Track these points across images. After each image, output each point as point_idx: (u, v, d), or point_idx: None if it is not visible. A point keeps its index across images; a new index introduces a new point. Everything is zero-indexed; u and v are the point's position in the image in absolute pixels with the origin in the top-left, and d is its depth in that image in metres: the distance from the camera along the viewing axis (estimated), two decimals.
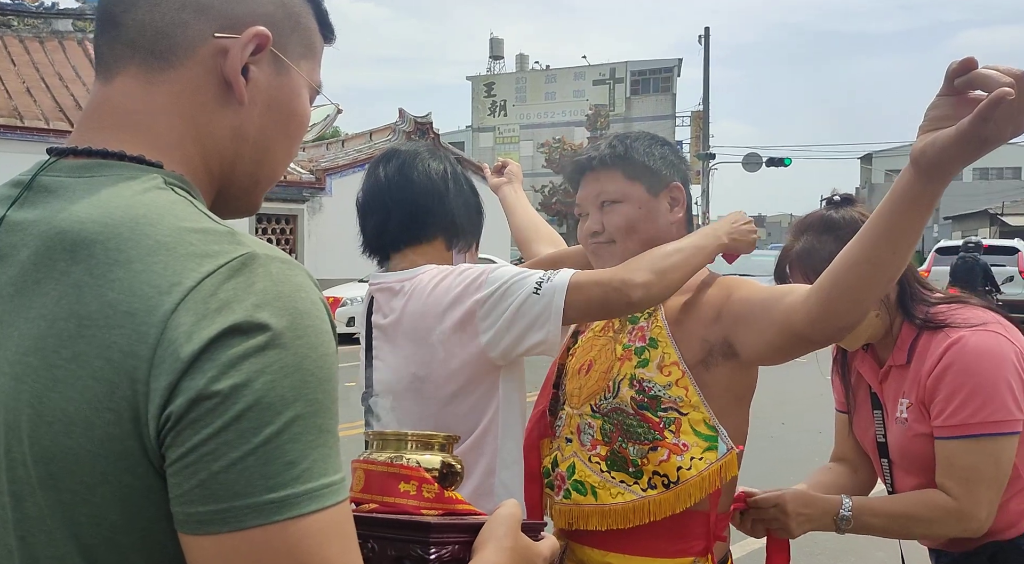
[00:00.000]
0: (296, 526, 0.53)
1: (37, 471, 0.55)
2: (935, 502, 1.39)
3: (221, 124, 0.67)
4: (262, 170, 0.72)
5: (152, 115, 0.65)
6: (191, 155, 0.66)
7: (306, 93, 0.73)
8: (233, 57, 0.66)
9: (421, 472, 0.87)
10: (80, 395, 0.54)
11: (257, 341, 0.54)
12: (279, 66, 0.70)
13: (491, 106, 44.72)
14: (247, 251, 0.57)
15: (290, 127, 0.72)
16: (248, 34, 0.66)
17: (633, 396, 1.34)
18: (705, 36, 26.16)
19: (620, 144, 1.40)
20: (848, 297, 1.09)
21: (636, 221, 1.37)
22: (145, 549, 0.56)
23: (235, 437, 0.52)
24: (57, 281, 0.57)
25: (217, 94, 0.67)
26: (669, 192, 1.40)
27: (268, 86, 0.69)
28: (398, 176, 1.39)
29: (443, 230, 1.40)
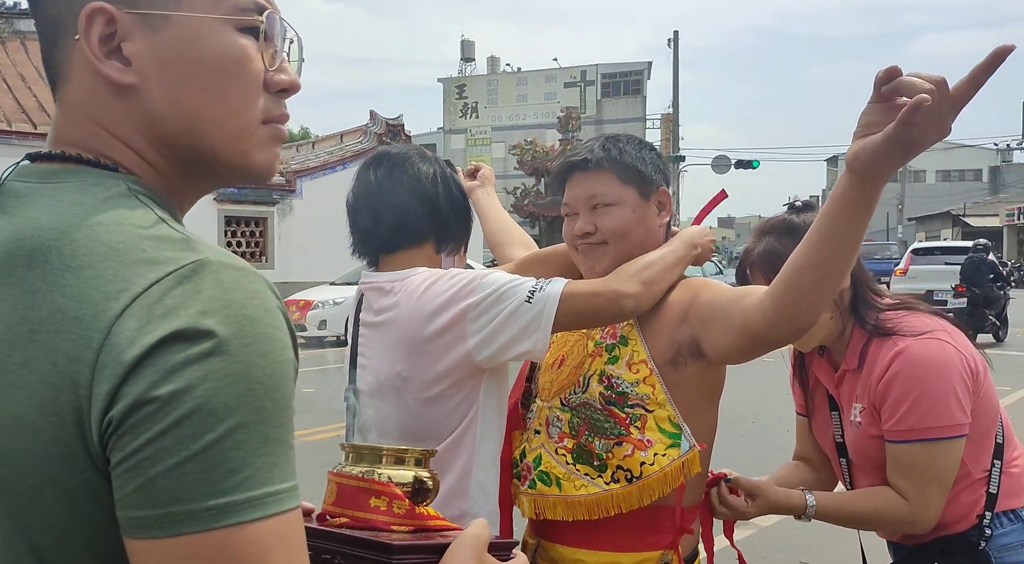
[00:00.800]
0: (237, 534, 0.53)
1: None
2: (890, 501, 1.45)
3: (131, 116, 0.64)
4: (208, 135, 0.65)
5: (80, 127, 0.64)
6: (129, 157, 0.64)
7: (213, 30, 0.64)
8: (86, 51, 0.62)
9: (392, 488, 0.86)
10: (29, 399, 0.54)
11: (201, 348, 0.53)
12: (152, 24, 0.62)
13: (463, 108, 44.70)
14: (199, 258, 0.56)
15: (206, 76, 0.64)
16: (81, 20, 0.61)
17: (602, 392, 1.36)
18: (674, 39, 26.43)
19: (613, 146, 1.41)
20: (800, 299, 1.12)
21: (630, 224, 1.39)
22: (94, 550, 0.56)
23: (173, 443, 0.52)
24: (14, 286, 0.57)
25: (110, 90, 0.63)
26: (658, 196, 1.43)
27: (151, 52, 0.63)
28: (388, 179, 1.40)
29: (433, 233, 1.41)
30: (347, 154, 16.61)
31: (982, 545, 1.48)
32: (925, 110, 0.85)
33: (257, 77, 0.66)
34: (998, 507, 1.50)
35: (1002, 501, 1.50)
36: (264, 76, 0.67)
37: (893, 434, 1.44)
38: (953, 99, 0.87)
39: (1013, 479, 1.52)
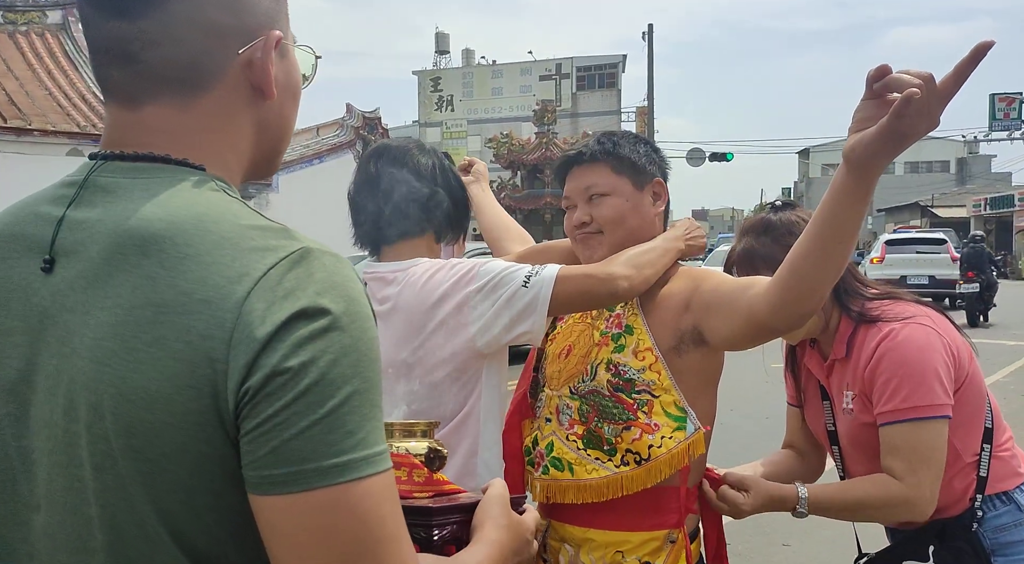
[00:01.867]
0: (357, 487, 0.59)
1: (118, 443, 0.60)
2: (883, 485, 1.48)
3: (249, 123, 0.73)
4: (283, 143, 0.79)
5: (189, 134, 0.69)
6: (226, 158, 0.72)
7: (294, 58, 0.78)
8: (261, 66, 0.71)
9: (411, 458, 0.94)
10: (160, 374, 0.59)
11: (320, 324, 0.60)
12: (282, 51, 0.74)
13: (438, 101, 44.52)
14: (303, 246, 0.63)
15: (297, 96, 0.78)
16: (270, 40, 0.71)
17: (609, 379, 1.42)
18: (648, 33, 26.53)
19: (608, 140, 1.50)
20: (804, 286, 1.18)
21: (623, 213, 1.46)
22: (216, 511, 0.62)
23: (304, 408, 0.58)
24: (129, 274, 0.62)
25: (248, 100, 0.72)
26: (652, 187, 1.50)
27: (282, 74, 0.74)
28: (389, 172, 1.44)
29: (432, 224, 1.46)
30: (323, 148, 16.50)
31: (975, 527, 1.53)
32: (916, 103, 0.92)
33: None
34: (989, 489, 1.54)
35: (993, 484, 1.54)
36: None
37: (883, 416, 1.49)
38: (940, 92, 0.94)
39: (1003, 462, 1.57)
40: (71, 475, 0.63)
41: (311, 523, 0.59)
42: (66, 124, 13.06)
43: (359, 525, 0.60)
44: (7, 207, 0.72)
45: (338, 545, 0.59)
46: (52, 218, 0.66)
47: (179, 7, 0.67)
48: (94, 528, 0.62)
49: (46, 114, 13.15)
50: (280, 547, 0.60)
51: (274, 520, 0.60)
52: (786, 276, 1.21)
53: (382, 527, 0.61)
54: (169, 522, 0.61)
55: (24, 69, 14.04)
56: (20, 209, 0.70)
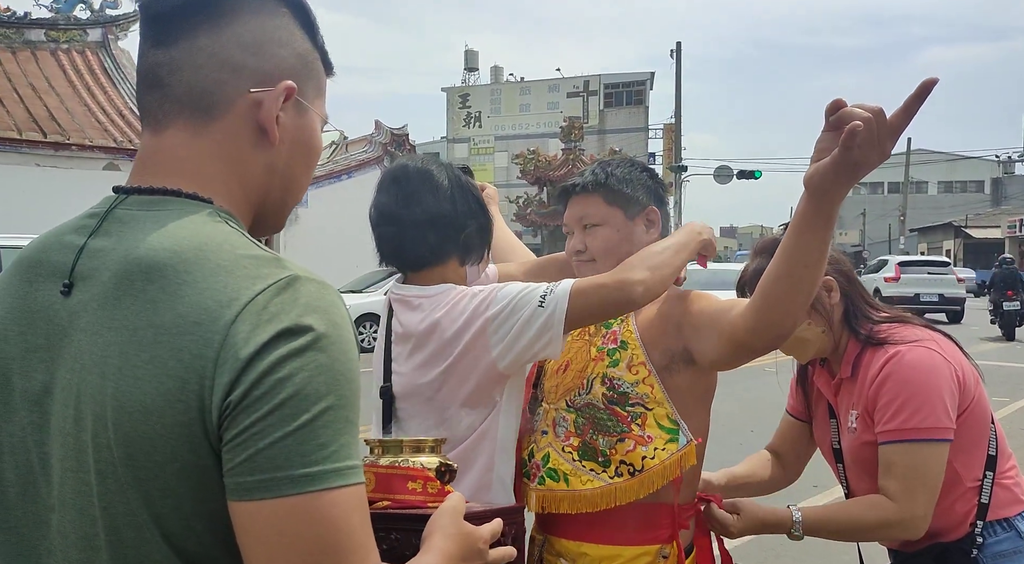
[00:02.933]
0: (326, 497, 0.64)
1: (119, 452, 0.66)
2: (878, 506, 1.49)
3: (256, 163, 0.79)
4: (289, 196, 0.84)
5: (200, 161, 0.76)
6: (234, 191, 0.78)
7: (320, 127, 0.85)
8: (268, 108, 0.77)
9: (425, 472, 1.01)
10: (155, 389, 0.65)
11: (301, 342, 0.65)
12: (300, 109, 0.81)
13: (466, 117, 44.90)
14: (291, 274, 0.69)
15: (310, 158, 0.84)
16: (280, 88, 0.77)
17: (604, 392, 1.47)
18: (677, 50, 26.58)
19: (602, 171, 1.55)
20: (776, 308, 1.23)
21: (614, 243, 1.52)
22: (204, 516, 0.67)
23: (278, 420, 0.63)
24: (135, 297, 0.68)
25: (252, 138, 0.78)
26: (646, 215, 1.55)
27: (292, 127, 0.80)
28: (410, 201, 1.43)
29: (455, 249, 1.46)
30: (352, 164, 16.74)
31: (974, 553, 1.53)
32: (864, 135, 0.98)
33: None
34: (991, 516, 1.54)
35: (995, 510, 1.54)
36: None
37: (883, 435, 1.50)
38: (890, 126, 0.99)
39: (1006, 489, 1.57)
40: (80, 480, 0.69)
41: (281, 528, 0.63)
42: (103, 139, 13.41)
43: (326, 533, 0.64)
44: (39, 236, 0.79)
45: (305, 551, 0.63)
46: (74, 246, 0.73)
47: (206, 40, 0.75)
48: (98, 528, 0.68)
49: (84, 129, 13.52)
50: (251, 550, 0.64)
51: (247, 524, 0.64)
52: (759, 299, 1.25)
53: (349, 537, 0.65)
54: (161, 525, 0.67)
55: (65, 86, 14.47)
56: (48, 237, 0.77)
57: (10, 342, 0.73)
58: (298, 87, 0.79)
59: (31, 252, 0.77)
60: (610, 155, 26.49)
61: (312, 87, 0.82)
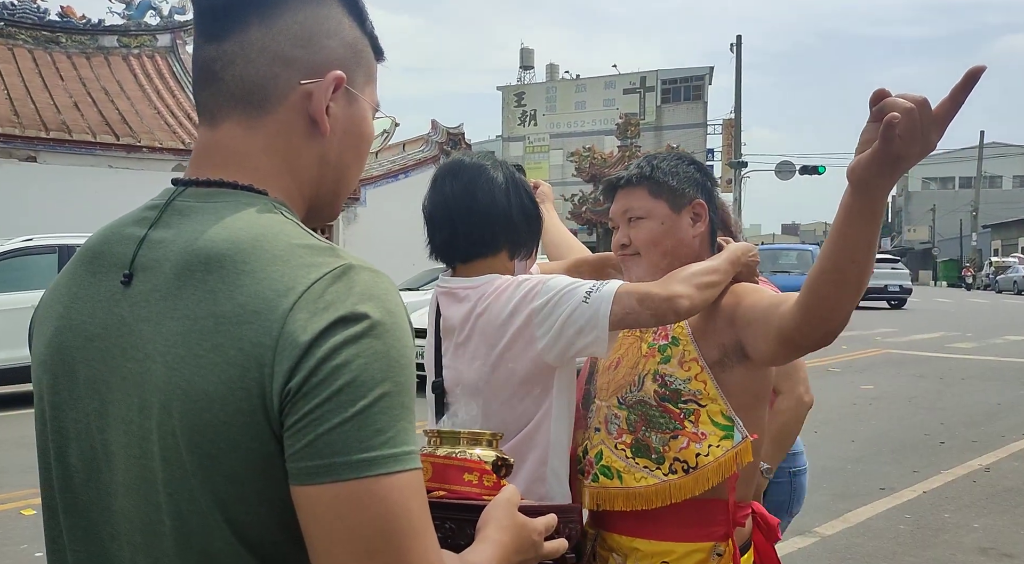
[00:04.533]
0: (384, 482, 0.64)
1: (184, 439, 0.67)
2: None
3: (309, 154, 0.79)
4: (341, 186, 0.84)
5: (255, 155, 0.77)
6: (287, 183, 0.78)
7: (371, 114, 0.84)
8: (318, 99, 0.77)
9: (483, 465, 1.02)
10: (218, 377, 0.66)
11: (357, 329, 0.66)
12: (350, 98, 0.80)
13: (521, 115, 44.94)
14: (345, 262, 0.70)
15: (361, 147, 0.84)
16: (329, 79, 0.77)
17: (656, 389, 1.45)
18: (737, 44, 26.08)
19: (647, 164, 1.54)
20: (823, 305, 1.19)
21: (659, 235, 1.50)
22: (267, 501, 0.68)
23: (336, 406, 0.64)
24: (196, 288, 0.69)
25: (305, 130, 0.78)
26: (692, 208, 1.52)
27: (343, 116, 0.80)
28: (463, 191, 1.47)
29: (507, 242, 1.48)
30: (409, 163, 16.94)
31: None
32: (906, 126, 0.94)
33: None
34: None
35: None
36: None
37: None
38: (936, 117, 0.94)
39: None
40: (144, 466, 0.70)
41: (340, 512, 0.64)
42: (172, 141, 13.88)
43: (384, 517, 0.64)
44: (101, 227, 0.81)
45: (364, 534, 0.64)
46: (135, 238, 0.75)
47: (257, 34, 0.76)
48: (163, 514, 0.70)
49: (153, 132, 14.01)
50: (313, 533, 0.65)
51: (308, 508, 0.65)
52: (806, 295, 1.22)
53: (408, 521, 0.65)
54: (224, 510, 0.68)
55: (135, 89, 15.02)
56: (110, 229, 0.79)
57: (74, 332, 0.75)
58: (348, 76, 0.79)
59: (93, 243, 0.79)
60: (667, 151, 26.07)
61: (362, 75, 0.82)
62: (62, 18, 15.52)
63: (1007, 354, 11.48)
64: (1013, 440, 6.18)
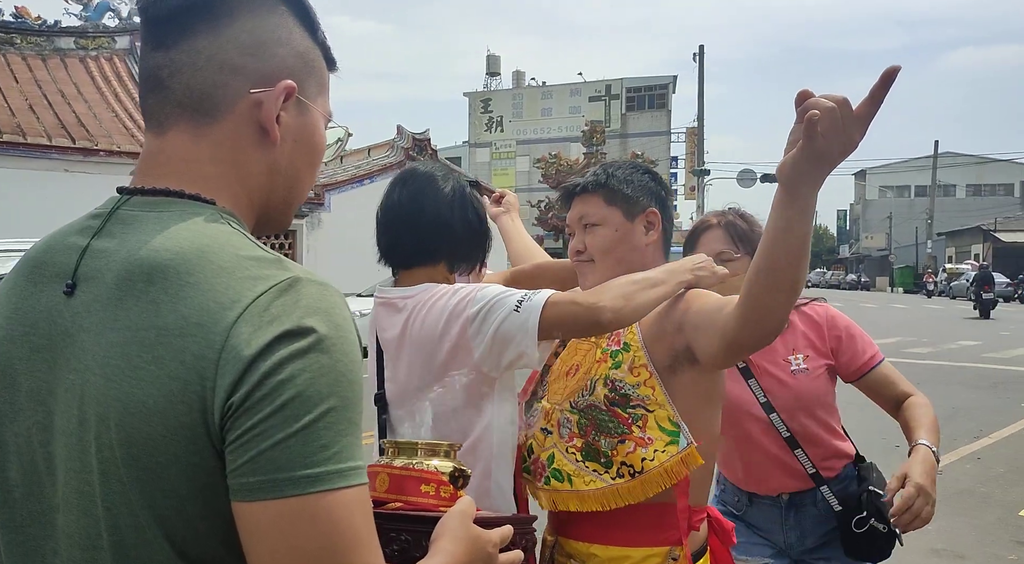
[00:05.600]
0: (328, 498, 0.64)
1: (121, 452, 0.66)
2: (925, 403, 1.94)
3: (258, 163, 0.79)
4: (293, 195, 0.83)
5: (202, 163, 0.76)
6: (236, 192, 0.78)
7: (322, 124, 0.84)
8: (268, 108, 0.77)
9: (439, 475, 1.01)
10: (158, 391, 0.65)
11: (303, 344, 0.65)
12: (301, 108, 0.80)
13: (488, 122, 45.00)
14: (292, 275, 0.69)
15: (313, 156, 0.84)
16: (280, 88, 0.77)
17: (606, 394, 1.47)
18: (699, 54, 26.46)
19: (603, 172, 1.57)
20: (759, 304, 1.20)
21: (612, 243, 1.53)
22: (208, 517, 0.67)
23: (280, 422, 0.63)
24: (137, 298, 0.68)
25: (254, 138, 0.78)
26: (645, 217, 1.55)
27: (294, 126, 0.80)
28: (410, 200, 1.51)
29: (445, 254, 1.52)
30: (374, 168, 16.83)
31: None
32: (827, 125, 0.97)
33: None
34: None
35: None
36: None
37: (870, 362, 1.97)
38: (857, 116, 0.98)
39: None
40: (83, 480, 0.69)
41: (283, 529, 0.63)
42: (130, 145, 13.61)
43: (329, 534, 0.64)
44: (44, 237, 0.80)
45: (308, 551, 0.63)
46: (78, 247, 0.74)
47: (204, 42, 0.75)
48: (101, 529, 0.68)
49: (111, 135, 13.75)
50: (255, 550, 0.64)
51: (250, 525, 0.64)
52: (744, 296, 1.23)
53: (352, 537, 0.65)
54: (164, 526, 0.67)
55: (93, 92, 14.72)
56: (52, 238, 0.78)
57: (15, 343, 0.74)
58: (299, 85, 0.79)
59: (35, 253, 0.78)
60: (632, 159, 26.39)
61: (314, 84, 0.82)
62: (16, 19, 15.14)
63: (960, 359, 11.78)
64: (965, 443, 6.34)
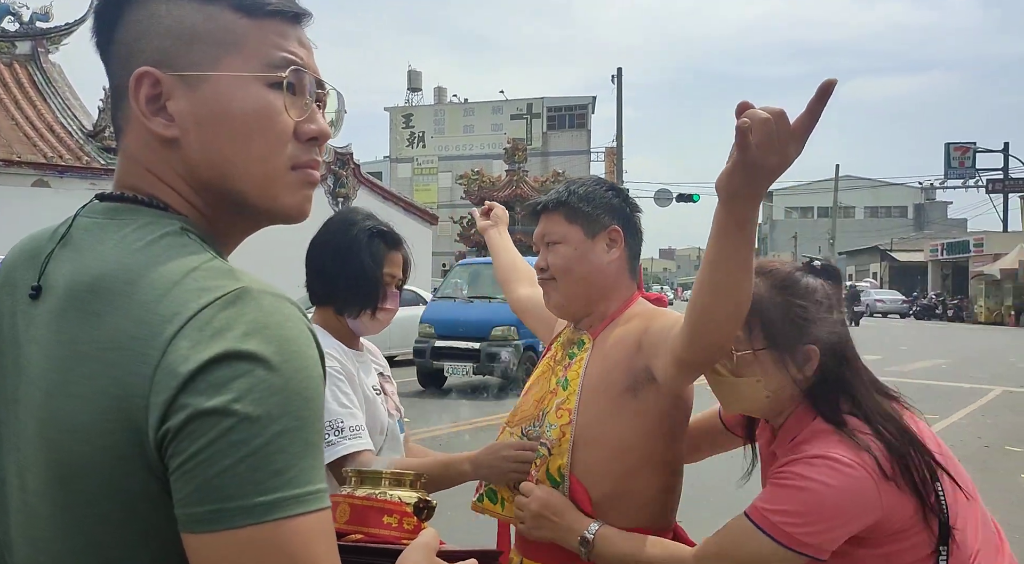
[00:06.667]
0: (285, 526, 0.58)
1: (54, 473, 0.62)
2: (677, 556, 1.32)
3: (172, 162, 0.71)
4: (240, 181, 0.71)
5: (138, 176, 0.72)
6: (176, 200, 0.72)
7: (246, 84, 0.71)
8: (134, 109, 0.70)
9: (403, 507, 0.97)
10: (90, 407, 0.61)
11: (248, 361, 0.59)
12: (191, 83, 0.70)
13: (409, 137, 44.78)
14: (241, 285, 0.63)
15: (235, 128, 0.70)
16: (131, 83, 0.70)
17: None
18: (618, 76, 27.08)
19: (565, 190, 1.57)
20: (703, 320, 1.18)
21: (572, 260, 1.52)
22: (149, 547, 0.62)
23: (226, 447, 0.58)
24: (79, 311, 0.64)
25: (157, 142, 0.71)
26: (607, 235, 1.53)
27: (190, 108, 0.70)
28: (318, 242, 1.66)
29: (332, 300, 1.66)
30: None
31: None
32: (761, 137, 0.97)
33: (284, 127, 0.72)
34: None
35: None
36: (293, 126, 0.73)
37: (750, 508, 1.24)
38: (794, 130, 0.98)
39: None
40: (21, 499, 0.65)
41: (238, 561, 0.58)
42: (32, 155, 12.93)
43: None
44: (23, 238, 0.77)
45: None
46: (45, 253, 0.71)
47: (110, 65, 0.73)
48: (39, 551, 0.65)
49: (11, 144, 13.01)
50: None
51: (201, 558, 0.59)
52: (689, 312, 1.22)
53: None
54: (101, 554, 0.63)
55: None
56: (35, 238, 0.75)
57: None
58: (176, 62, 0.69)
59: (13, 255, 0.75)
60: (553, 177, 26.77)
61: (206, 49, 0.70)
62: None
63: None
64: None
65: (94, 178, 13.46)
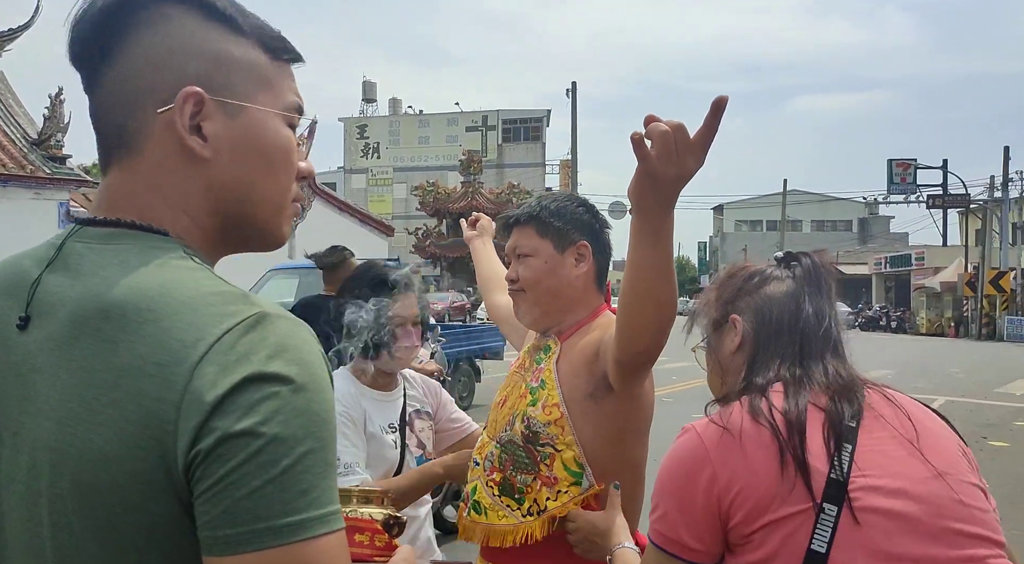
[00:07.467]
0: (312, 546, 0.60)
1: (74, 503, 0.62)
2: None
3: (194, 184, 0.72)
4: (257, 208, 0.75)
5: (139, 196, 0.71)
6: (180, 220, 0.72)
7: (274, 121, 0.75)
8: (178, 125, 0.70)
9: (374, 524, 0.99)
10: (116, 435, 0.61)
11: (272, 388, 0.61)
12: (230, 110, 0.72)
13: (364, 148, 44.56)
14: (259, 310, 0.65)
15: (265, 159, 0.74)
16: (179, 99, 0.70)
17: (523, 430, 1.51)
18: (572, 90, 27.41)
19: (539, 204, 1.62)
20: (628, 324, 1.27)
21: (542, 274, 1.57)
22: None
23: (256, 469, 0.59)
24: (93, 337, 0.64)
25: (183, 160, 0.71)
26: (576, 249, 1.58)
27: (226, 133, 0.72)
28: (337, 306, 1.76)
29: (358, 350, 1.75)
30: None
31: None
32: (660, 148, 1.01)
33: (296, 164, 0.78)
34: None
35: None
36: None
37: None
38: (693, 143, 1.02)
39: None
40: (31, 532, 0.64)
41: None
42: None
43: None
44: (3, 261, 0.75)
45: None
46: (32, 278, 0.69)
47: (107, 78, 0.72)
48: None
49: None
50: None
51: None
52: (617, 316, 1.30)
53: None
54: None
55: None
56: (10, 265, 0.73)
57: None
58: (217, 88, 0.72)
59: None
60: (508, 189, 26.90)
61: (244, 82, 0.73)
62: None
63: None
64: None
65: (39, 188, 13.07)
